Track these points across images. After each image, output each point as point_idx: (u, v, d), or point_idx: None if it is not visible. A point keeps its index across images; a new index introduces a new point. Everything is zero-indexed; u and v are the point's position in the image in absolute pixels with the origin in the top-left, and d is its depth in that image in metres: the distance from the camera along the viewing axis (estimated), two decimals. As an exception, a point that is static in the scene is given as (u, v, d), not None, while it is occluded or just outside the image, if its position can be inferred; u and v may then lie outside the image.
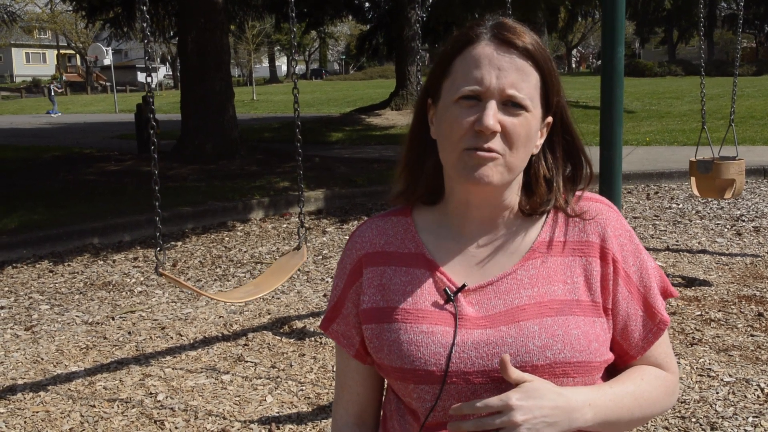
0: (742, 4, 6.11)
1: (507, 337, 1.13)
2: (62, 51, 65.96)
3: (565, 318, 1.14)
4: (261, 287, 3.75)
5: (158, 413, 3.74)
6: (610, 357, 1.20)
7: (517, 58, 1.12)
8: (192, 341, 4.78)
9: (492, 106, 1.10)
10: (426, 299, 1.18)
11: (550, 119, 1.20)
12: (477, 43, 1.14)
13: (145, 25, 2.85)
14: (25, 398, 3.97)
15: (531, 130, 1.13)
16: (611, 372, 1.24)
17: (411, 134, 1.25)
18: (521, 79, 1.12)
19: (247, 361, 4.40)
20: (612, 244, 1.19)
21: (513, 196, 1.21)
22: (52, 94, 34.53)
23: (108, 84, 34.36)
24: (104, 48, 38.02)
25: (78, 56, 64.64)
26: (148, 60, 2.88)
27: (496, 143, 1.11)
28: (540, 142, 1.20)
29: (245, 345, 4.68)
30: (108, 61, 38.80)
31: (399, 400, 1.25)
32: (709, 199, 8.47)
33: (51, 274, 6.51)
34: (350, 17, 23.90)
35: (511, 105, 1.11)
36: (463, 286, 1.17)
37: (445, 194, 1.24)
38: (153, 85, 3.45)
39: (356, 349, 1.27)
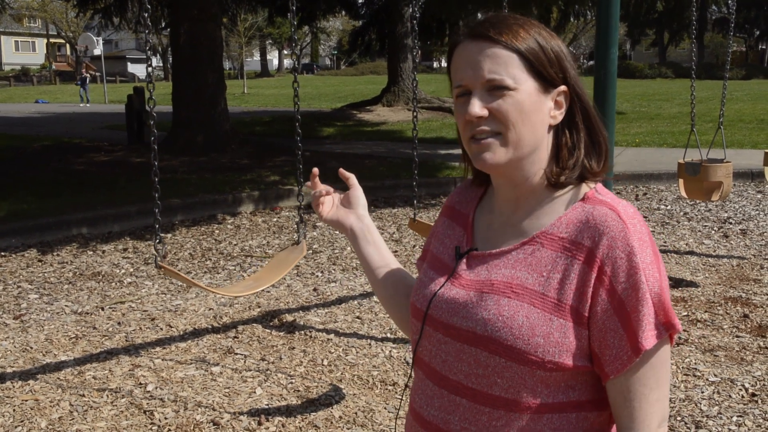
0: (734, 8, 6.16)
1: (469, 301, 1.23)
2: (52, 40, 65.50)
3: (520, 304, 1.18)
4: (261, 282, 3.76)
5: (148, 403, 3.75)
6: (562, 361, 1.16)
7: (489, 48, 1.20)
8: (182, 333, 4.79)
9: (475, 96, 1.20)
10: (447, 252, 1.35)
11: (563, 88, 1.23)
12: (459, 45, 1.25)
13: (146, 15, 2.85)
14: (14, 386, 3.97)
15: (523, 105, 1.19)
16: (599, 387, 1.22)
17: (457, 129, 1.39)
18: (495, 63, 1.19)
19: (236, 354, 4.42)
20: (603, 252, 1.16)
21: (533, 178, 1.25)
22: (87, 84, 32.47)
23: (98, 74, 34.05)
24: (94, 38, 37.79)
25: (68, 45, 64.18)
26: (148, 50, 2.88)
27: (488, 124, 1.20)
28: (558, 113, 1.24)
29: (235, 337, 4.69)
30: (98, 51, 38.57)
31: None
32: (697, 201, 8.54)
33: (40, 264, 6.49)
34: (343, 13, 23.85)
35: (494, 89, 1.19)
36: (470, 250, 1.30)
37: None
38: (149, 76, 3.45)
39: None
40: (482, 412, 1.20)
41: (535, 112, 1.20)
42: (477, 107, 1.18)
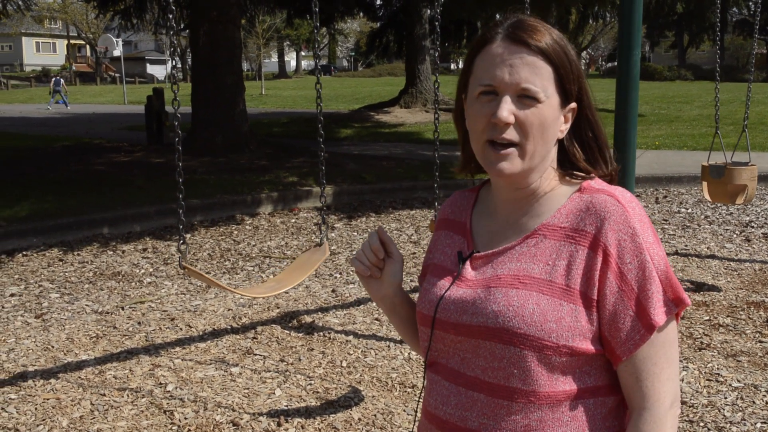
0: (758, 9, 6.09)
1: (477, 298, 1.25)
2: (72, 41, 66.05)
3: (529, 293, 1.20)
4: (283, 283, 3.76)
5: (168, 403, 3.76)
6: (576, 345, 1.19)
7: (528, 55, 1.22)
8: (201, 333, 4.80)
9: (506, 100, 1.21)
10: (449, 259, 1.36)
11: (574, 105, 1.28)
12: (492, 43, 1.25)
13: (171, 16, 2.87)
14: (35, 385, 4.00)
15: (546, 118, 1.22)
16: (612, 371, 1.25)
17: (455, 122, 1.39)
18: (533, 73, 1.21)
19: (255, 354, 4.42)
20: (607, 237, 1.20)
21: (538, 181, 1.29)
22: (59, 86, 30.42)
23: (117, 75, 34.26)
24: (114, 39, 38.09)
25: (88, 47, 64.75)
26: (172, 51, 2.89)
27: (511, 133, 1.22)
28: (565, 126, 1.29)
29: (254, 338, 4.70)
30: (118, 52, 38.87)
31: None
32: (718, 204, 8.46)
33: (61, 263, 6.54)
34: (361, 14, 23.87)
35: (525, 97, 1.21)
36: (473, 252, 1.32)
37: None
38: (170, 76, 3.47)
39: None
40: (500, 405, 1.22)
41: (551, 126, 1.24)
42: (506, 112, 1.20)
